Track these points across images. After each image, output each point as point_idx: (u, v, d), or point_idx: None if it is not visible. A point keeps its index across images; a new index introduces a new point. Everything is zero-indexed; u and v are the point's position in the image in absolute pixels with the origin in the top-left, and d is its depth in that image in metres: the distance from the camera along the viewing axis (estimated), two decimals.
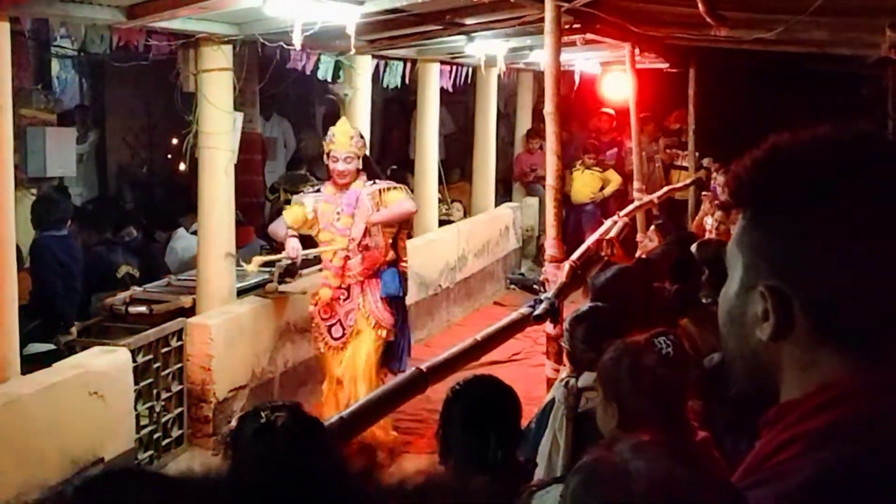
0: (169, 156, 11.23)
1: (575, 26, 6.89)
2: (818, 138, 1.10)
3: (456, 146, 13.12)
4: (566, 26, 6.27)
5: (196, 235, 6.86)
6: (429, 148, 9.58)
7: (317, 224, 6.04)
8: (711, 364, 3.29)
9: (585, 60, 10.72)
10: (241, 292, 6.69)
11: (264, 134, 10.77)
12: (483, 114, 11.14)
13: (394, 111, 13.47)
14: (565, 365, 4.18)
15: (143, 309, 6.43)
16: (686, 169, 11.25)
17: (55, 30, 5.94)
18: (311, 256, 6.44)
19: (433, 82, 9.46)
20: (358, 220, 5.92)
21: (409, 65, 9.09)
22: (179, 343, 5.89)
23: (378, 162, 7.65)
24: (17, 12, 4.94)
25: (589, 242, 6.30)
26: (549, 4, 5.11)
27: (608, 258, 6.02)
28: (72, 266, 6.30)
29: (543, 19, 5.21)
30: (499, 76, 10.76)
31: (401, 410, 5.74)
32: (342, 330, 6.06)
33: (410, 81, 9.29)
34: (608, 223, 7.29)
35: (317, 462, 0.67)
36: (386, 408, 3.64)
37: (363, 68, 7.93)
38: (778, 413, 1.11)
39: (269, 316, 6.56)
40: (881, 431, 1.01)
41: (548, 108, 5.13)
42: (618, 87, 11.31)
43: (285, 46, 6.26)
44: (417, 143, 9.73)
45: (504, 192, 12.41)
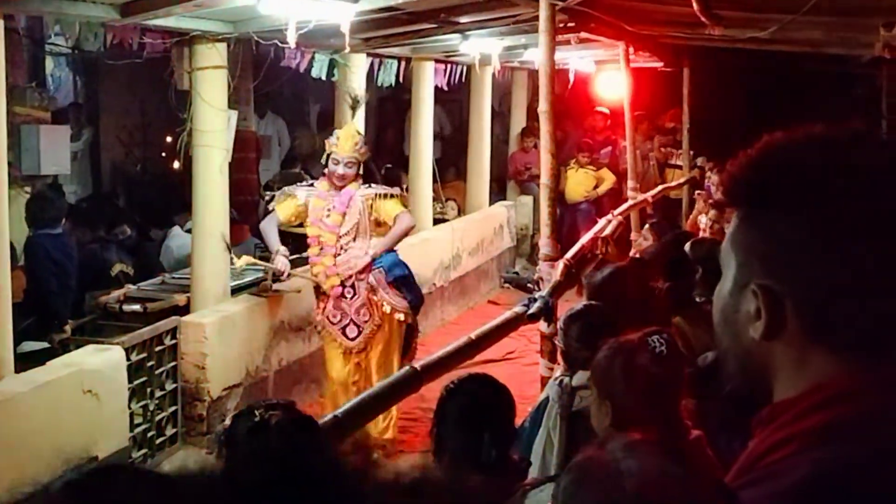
0: (163, 154, 11.20)
1: (569, 25, 6.90)
2: (812, 138, 1.10)
3: (450, 145, 13.12)
4: (561, 25, 6.28)
5: (191, 234, 6.85)
6: (423, 146, 9.58)
7: (307, 217, 6.00)
8: (705, 363, 3.30)
9: (580, 59, 10.72)
10: (236, 291, 6.69)
11: (259, 132, 10.76)
12: (477, 112, 11.14)
13: (388, 110, 13.47)
14: (559, 363, 4.17)
15: (137, 307, 6.42)
16: (680, 168, 11.26)
17: (49, 27, 5.94)
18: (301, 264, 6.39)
19: (428, 81, 9.46)
20: (348, 220, 5.89)
21: (404, 63, 9.09)
22: (173, 341, 5.88)
23: (372, 160, 7.62)
24: (11, 9, 4.94)
25: (583, 241, 6.30)
26: (544, 3, 5.10)
27: (603, 256, 6.02)
28: (66, 264, 6.29)
29: (538, 18, 5.20)
30: (493, 75, 10.80)
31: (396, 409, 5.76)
32: (357, 329, 5.94)
33: (405, 80, 9.29)
34: (602, 222, 7.29)
35: (311, 460, 0.67)
36: (380, 406, 3.64)
37: (358, 66, 7.92)
38: (772, 412, 1.10)
39: (264, 314, 6.56)
40: (878, 432, 1.01)
41: (542, 107, 5.12)
42: (612, 86, 11.33)
43: (279, 44, 6.27)
44: (412, 142, 9.73)
45: (498, 191, 12.40)
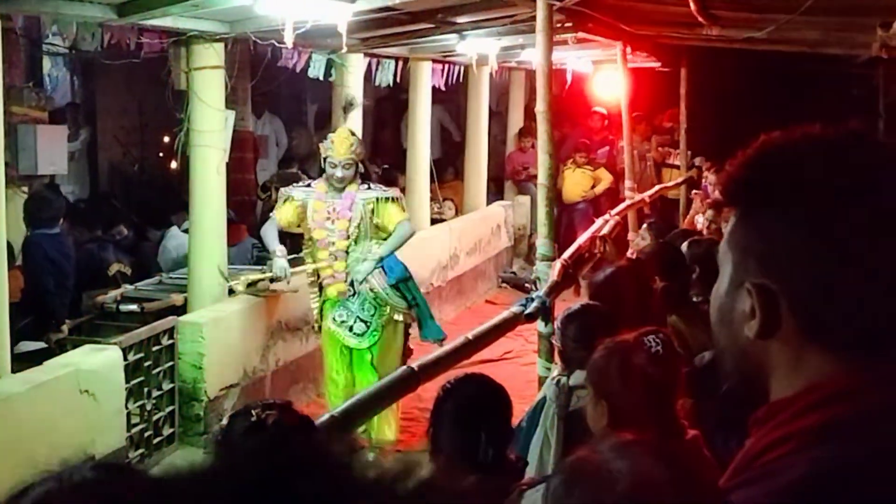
0: (160, 154, 11.21)
1: (567, 25, 6.91)
2: (809, 138, 1.10)
3: (449, 145, 13.12)
4: (558, 25, 6.28)
5: (188, 233, 6.85)
6: (421, 147, 9.58)
7: (306, 219, 5.97)
8: (702, 362, 3.30)
9: (577, 59, 10.72)
10: (233, 291, 6.67)
11: (256, 132, 10.77)
12: (475, 112, 11.15)
13: (386, 109, 13.47)
14: (556, 363, 4.17)
15: (135, 307, 6.43)
16: (678, 167, 11.27)
17: (46, 27, 5.94)
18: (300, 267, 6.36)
19: (425, 81, 9.46)
20: (351, 224, 5.87)
21: (401, 63, 9.09)
22: (171, 341, 5.87)
23: (370, 160, 7.62)
24: (9, 9, 4.93)
25: (581, 241, 6.30)
26: (541, 3, 5.10)
27: (600, 255, 6.03)
28: (63, 264, 6.29)
29: (535, 18, 5.20)
30: (491, 75, 10.79)
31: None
32: (365, 326, 5.92)
33: (402, 80, 9.29)
34: (599, 222, 7.29)
35: (308, 459, 0.67)
36: (378, 406, 3.64)
37: (355, 66, 7.92)
38: (768, 411, 1.10)
39: (261, 314, 6.55)
40: (876, 431, 1.01)
41: (539, 107, 5.12)
42: (609, 86, 11.32)
43: (277, 44, 6.27)
44: (409, 142, 9.73)
45: (496, 191, 12.41)
